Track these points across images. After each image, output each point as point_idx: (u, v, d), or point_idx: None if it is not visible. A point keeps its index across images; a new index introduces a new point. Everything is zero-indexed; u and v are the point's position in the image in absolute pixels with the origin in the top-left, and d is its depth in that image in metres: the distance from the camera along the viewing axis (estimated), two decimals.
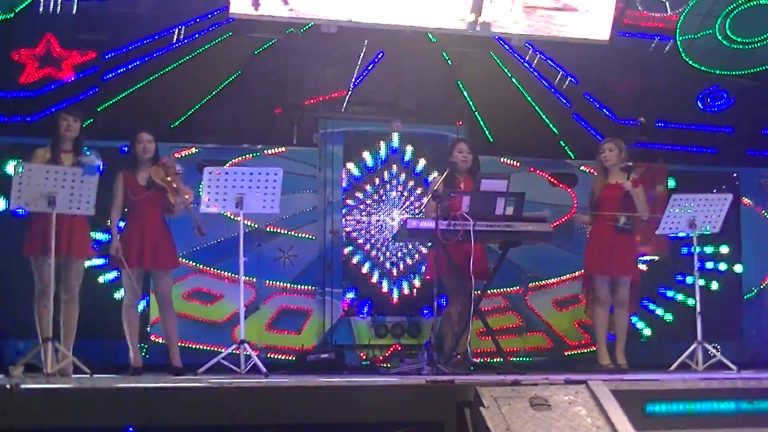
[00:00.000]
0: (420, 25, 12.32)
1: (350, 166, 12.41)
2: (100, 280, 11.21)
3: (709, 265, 13.07)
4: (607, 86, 13.63)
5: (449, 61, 13.29)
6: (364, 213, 12.40)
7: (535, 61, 13.26)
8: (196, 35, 12.25)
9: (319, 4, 11.81)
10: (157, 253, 9.76)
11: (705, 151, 13.86)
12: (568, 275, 12.64)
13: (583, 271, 10.98)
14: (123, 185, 9.81)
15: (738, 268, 13.40)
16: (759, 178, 13.63)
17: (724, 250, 13.32)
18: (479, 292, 10.10)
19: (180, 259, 10.54)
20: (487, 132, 13.20)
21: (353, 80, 12.87)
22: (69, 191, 8.93)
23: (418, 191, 12.45)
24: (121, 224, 9.96)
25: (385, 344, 12.23)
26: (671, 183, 13.15)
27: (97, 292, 11.04)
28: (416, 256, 12.43)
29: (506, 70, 13.32)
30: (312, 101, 12.81)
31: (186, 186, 9.91)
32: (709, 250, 13.06)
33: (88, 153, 9.41)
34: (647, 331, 13.00)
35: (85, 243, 9.61)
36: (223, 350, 9.58)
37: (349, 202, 12.37)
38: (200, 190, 9.80)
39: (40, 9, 11.46)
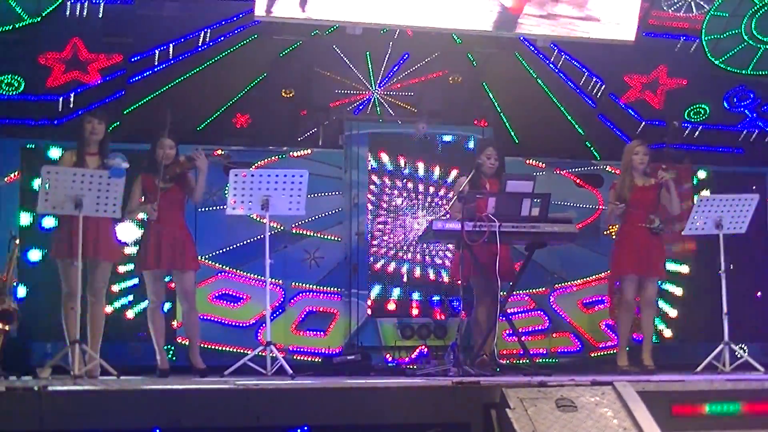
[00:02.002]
0: (445, 27, 12.30)
1: (375, 167, 12.41)
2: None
3: None
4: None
5: (474, 63, 13.29)
6: (389, 214, 12.39)
7: (560, 62, 13.24)
8: (222, 38, 12.31)
9: (345, 6, 11.80)
10: (176, 255, 9.77)
11: (732, 151, 13.82)
12: (593, 276, 12.61)
13: (609, 272, 10.96)
14: (141, 188, 9.83)
15: None
16: None
17: None
18: (505, 293, 10.09)
19: (206, 261, 10.58)
20: (512, 133, 13.20)
21: (378, 82, 12.89)
22: (96, 194, 8.94)
23: (443, 192, 12.46)
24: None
25: (411, 346, 12.22)
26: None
27: None
28: (443, 257, 12.43)
29: (531, 71, 13.32)
30: (337, 103, 12.84)
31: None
32: None
33: (114, 156, 9.43)
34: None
35: (112, 245, 9.64)
36: (249, 352, 9.57)
37: (375, 203, 12.37)
38: (226, 192, 9.83)
39: (67, 13, 11.53)
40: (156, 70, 12.16)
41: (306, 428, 7.16)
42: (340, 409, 7.29)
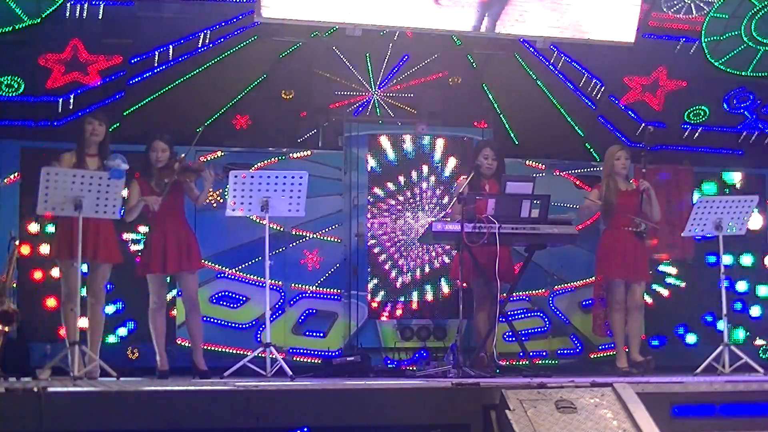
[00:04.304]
0: (444, 28, 12.32)
1: (375, 169, 12.40)
2: None
3: None
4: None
5: (474, 64, 13.28)
6: (389, 216, 12.39)
7: (560, 64, 13.24)
8: (222, 39, 12.29)
9: (344, 8, 11.81)
10: (182, 257, 9.78)
11: (731, 152, 13.81)
12: (593, 277, 12.59)
13: (595, 275, 10.96)
14: (138, 191, 9.82)
15: None
16: None
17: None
18: (505, 294, 10.09)
19: (206, 262, 10.57)
20: (512, 134, 13.18)
21: (378, 83, 12.89)
22: (95, 195, 8.96)
23: (442, 192, 12.45)
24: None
25: (410, 347, 12.22)
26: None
27: None
28: (442, 258, 12.42)
29: (531, 73, 13.30)
30: (337, 104, 12.83)
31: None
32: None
33: (114, 157, 9.43)
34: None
35: (112, 246, 9.63)
36: (248, 353, 9.60)
37: (374, 204, 12.36)
38: (226, 193, 9.84)
39: (67, 14, 11.53)
40: (156, 71, 12.14)
41: (306, 430, 7.17)
42: (340, 410, 7.30)
